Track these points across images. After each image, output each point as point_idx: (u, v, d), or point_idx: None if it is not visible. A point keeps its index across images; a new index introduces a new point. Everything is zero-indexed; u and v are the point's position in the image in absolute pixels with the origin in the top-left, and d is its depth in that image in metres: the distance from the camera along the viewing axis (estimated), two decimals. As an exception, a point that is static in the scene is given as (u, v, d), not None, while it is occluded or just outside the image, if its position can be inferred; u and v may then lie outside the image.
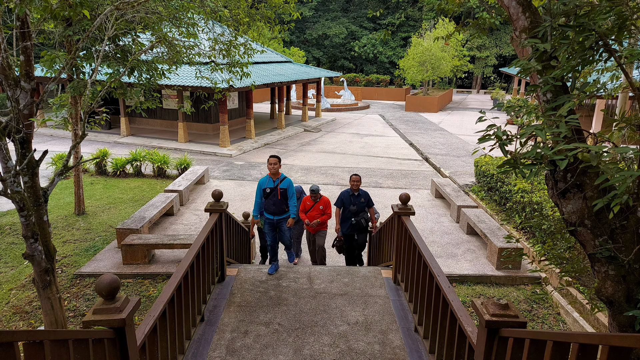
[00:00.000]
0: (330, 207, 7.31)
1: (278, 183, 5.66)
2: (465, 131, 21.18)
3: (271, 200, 5.63)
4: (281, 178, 5.69)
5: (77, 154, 8.69)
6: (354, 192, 6.77)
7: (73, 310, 5.92)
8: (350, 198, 6.76)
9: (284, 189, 5.70)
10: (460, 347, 3.26)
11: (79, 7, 4.04)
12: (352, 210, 6.72)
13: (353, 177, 6.80)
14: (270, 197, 5.63)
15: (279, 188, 5.65)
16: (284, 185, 5.70)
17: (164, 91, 18.07)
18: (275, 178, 5.64)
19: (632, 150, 2.11)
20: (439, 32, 28.66)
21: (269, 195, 5.62)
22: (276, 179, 5.64)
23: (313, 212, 7.19)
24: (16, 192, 3.87)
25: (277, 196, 5.63)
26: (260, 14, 7.20)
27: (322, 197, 7.27)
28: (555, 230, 3.77)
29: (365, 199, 6.78)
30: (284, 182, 5.69)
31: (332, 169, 13.80)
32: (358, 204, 6.73)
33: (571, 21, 2.52)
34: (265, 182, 5.65)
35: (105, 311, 2.59)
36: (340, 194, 6.92)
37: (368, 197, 6.86)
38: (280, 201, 5.67)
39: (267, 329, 4.56)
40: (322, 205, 7.21)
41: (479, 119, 2.73)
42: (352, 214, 6.74)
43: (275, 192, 5.63)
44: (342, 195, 6.87)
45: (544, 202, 7.58)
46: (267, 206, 5.69)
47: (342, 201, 6.84)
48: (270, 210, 5.70)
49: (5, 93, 3.89)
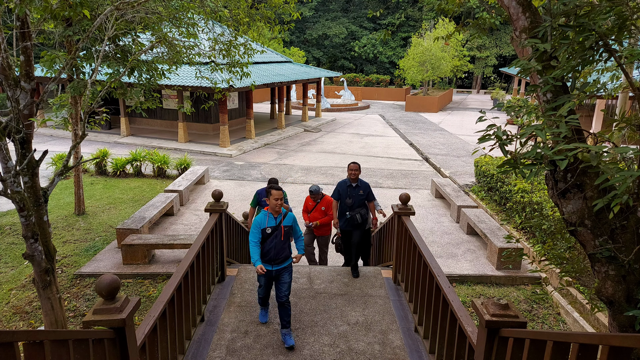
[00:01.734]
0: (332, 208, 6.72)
1: (281, 220, 4.52)
2: (465, 131, 21.18)
3: (272, 243, 4.46)
4: (283, 214, 4.58)
5: (77, 154, 8.69)
6: (351, 183, 5.95)
7: (73, 311, 5.92)
8: (347, 189, 5.95)
9: (289, 227, 4.57)
10: (460, 347, 3.26)
11: (79, 7, 4.04)
12: (348, 204, 5.91)
13: (351, 165, 5.97)
14: (271, 239, 4.46)
15: (282, 227, 4.50)
16: (288, 222, 4.58)
17: (164, 91, 18.07)
18: (277, 214, 4.51)
19: (632, 150, 2.11)
20: (439, 32, 28.66)
21: (269, 236, 4.45)
22: (278, 215, 4.52)
23: (315, 213, 6.79)
24: (16, 192, 3.87)
25: (281, 237, 4.49)
26: (260, 14, 7.20)
27: (325, 197, 6.85)
28: (555, 230, 3.77)
29: (364, 192, 5.94)
30: (287, 218, 4.58)
31: (332, 169, 13.80)
32: (355, 196, 5.90)
33: (571, 21, 2.52)
34: (265, 220, 4.46)
35: (106, 311, 2.59)
36: (337, 184, 6.12)
37: (368, 189, 6.01)
38: (283, 243, 4.52)
39: (267, 329, 4.56)
40: (325, 205, 6.79)
41: (479, 119, 2.73)
42: (347, 207, 5.94)
43: (278, 233, 4.48)
44: (339, 186, 6.06)
45: (544, 202, 7.58)
46: (265, 251, 4.47)
47: (339, 192, 6.06)
48: (270, 257, 4.47)
49: (5, 93, 3.89)
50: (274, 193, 4.47)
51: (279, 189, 4.51)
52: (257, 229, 4.45)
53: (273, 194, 4.47)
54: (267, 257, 4.48)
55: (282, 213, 4.57)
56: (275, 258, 4.50)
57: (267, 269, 4.50)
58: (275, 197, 4.45)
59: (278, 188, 4.52)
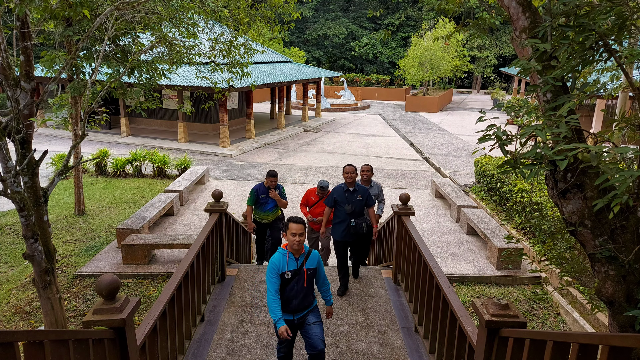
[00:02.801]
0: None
1: (303, 261, 3.65)
2: (465, 131, 21.18)
3: (292, 290, 3.62)
4: (306, 252, 3.69)
5: (77, 154, 8.69)
6: (348, 187, 5.40)
7: (73, 311, 5.92)
8: (344, 195, 5.37)
9: (313, 270, 3.71)
10: (461, 347, 3.26)
11: (79, 7, 4.04)
12: (348, 210, 5.35)
13: (346, 167, 5.43)
14: (292, 286, 3.62)
15: (305, 270, 3.65)
16: (312, 263, 3.70)
17: (164, 91, 18.07)
18: (299, 254, 3.65)
19: (632, 150, 2.11)
20: (439, 32, 28.66)
21: (289, 282, 3.61)
22: (299, 255, 3.65)
23: (318, 208, 6.59)
24: (16, 192, 3.87)
25: (303, 283, 3.64)
26: (260, 14, 7.20)
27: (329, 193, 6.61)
28: (555, 230, 3.77)
29: (363, 197, 5.40)
30: (311, 258, 3.71)
31: (332, 169, 13.80)
32: (355, 202, 5.34)
33: (571, 21, 2.52)
34: (283, 262, 3.60)
35: (106, 311, 2.59)
36: (332, 190, 5.52)
37: (367, 194, 5.46)
38: (306, 290, 3.68)
39: (267, 329, 4.56)
40: None
41: (479, 119, 2.72)
42: (347, 215, 5.37)
43: (300, 278, 3.63)
44: (335, 192, 5.43)
45: (544, 202, 7.58)
46: (286, 300, 3.65)
47: (335, 199, 5.44)
48: (291, 307, 3.66)
49: (5, 93, 3.89)
50: (292, 227, 3.52)
51: (300, 222, 3.55)
52: (274, 274, 3.55)
53: (292, 227, 3.52)
54: (287, 307, 3.65)
55: (305, 252, 3.68)
56: (298, 307, 3.68)
57: (287, 319, 3.68)
58: (294, 231, 3.52)
59: (298, 220, 3.54)
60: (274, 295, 3.52)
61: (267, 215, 6.42)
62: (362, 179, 6.23)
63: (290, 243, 3.59)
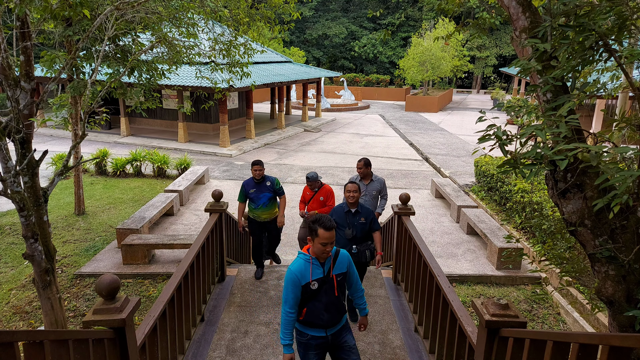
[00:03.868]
0: (333, 198, 6.20)
1: (331, 266, 3.09)
2: (465, 131, 21.18)
3: (320, 303, 3.06)
4: (333, 254, 3.12)
5: (77, 154, 8.69)
6: (350, 209, 4.62)
7: (73, 310, 5.92)
8: (345, 216, 4.59)
9: (343, 275, 3.15)
10: (460, 347, 3.26)
11: (79, 7, 4.04)
12: (348, 236, 4.53)
13: (348, 185, 4.63)
14: (320, 297, 3.06)
15: (334, 277, 3.09)
16: (342, 266, 3.14)
17: (164, 91, 18.07)
18: (324, 259, 3.05)
19: (632, 150, 2.11)
20: (439, 32, 28.66)
21: (317, 294, 3.04)
22: (325, 260, 3.06)
23: (313, 204, 6.12)
24: (16, 192, 3.87)
25: (333, 291, 3.09)
26: (260, 14, 7.20)
27: (324, 186, 6.20)
28: (555, 230, 3.77)
29: (367, 219, 4.60)
30: (340, 260, 3.15)
31: (332, 169, 13.80)
32: (357, 225, 4.56)
33: (571, 21, 2.52)
34: (306, 270, 3.02)
35: (106, 311, 2.59)
36: (332, 211, 4.79)
37: (372, 217, 4.64)
38: (337, 299, 3.12)
39: (267, 329, 4.56)
40: (323, 195, 6.11)
41: (479, 119, 2.72)
42: (348, 240, 4.55)
43: (329, 287, 3.08)
44: (334, 213, 4.68)
45: (544, 202, 7.58)
46: (314, 314, 3.06)
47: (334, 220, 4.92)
48: (323, 321, 3.08)
49: (5, 93, 3.89)
50: (323, 235, 2.91)
51: (332, 228, 2.92)
52: (295, 285, 2.97)
53: (322, 236, 2.91)
54: (317, 322, 3.07)
55: (332, 254, 3.09)
56: (331, 323, 3.10)
57: (319, 335, 3.11)
58: (324, 240, 2.91)
59: (329, 226, 2.92)
60: (289, 312, 2.97)
61: (261, 212, 5.72)
62: (360, 176, 5.89)
63: (318, 253, 2.99)
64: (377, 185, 6.05)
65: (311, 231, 2.98)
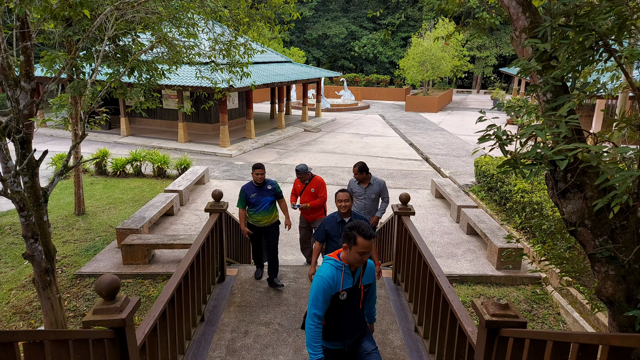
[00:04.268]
0: (324, 190, 6.08)
1: (360, 275, 2.90)
2: (465, 131, 21.18)
3: (346, 313, 2.89)
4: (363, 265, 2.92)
5: (77, 154, 8.69)
6: (343, 218, 4.31)
7: (73, 311, 5.92)
8: (338, 227, 4.31)
9: (369, 286, 3.02)
10: (460, 347, 3.26)
11: (79, 7, 4.04)
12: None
13: (339, 194, 4.31)
14: (346, 308, 2.87)
15: (362, 287, 2.93)
16: (369, 277, 2.98)
17: (164, 91, 18.07)
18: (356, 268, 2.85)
19: (632, 150, 2.11)
20: (439, 32, 28.67)
21: (345, 304, 2.86)
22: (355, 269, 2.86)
23: (304, 196, 6.08)
24: (16, 192, 3.87)
25: (359, 303, 2.93)
26: (260, 14, 7.20)
27: (315, 178, 6.07)
28: (555, 230, 3.77)
29: None
30: (368, 271, 2.97)
31: (332, 169, 13.80)
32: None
33: (571, 21, 2.52)
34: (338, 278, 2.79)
35: (106, 311, 2.59)
36: (323, 221, 4.43)
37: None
38: (361, 312, 3.00)
39: (267, 329, 4.56)
40: (314, 187, 5.98)
41: (479, 119, 2.72)
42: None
43: (356, 298, 2.91)
44: (327, 223, 4.35)
45: (544, 202, 7.58)
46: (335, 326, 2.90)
47: (326, 232, 4.33)
48: (340, 334, 2.93)
49: (5, 93, 3.89)
50: (362, 244, 2.69)
51: (371, 238, 2.72)
52: (326, 295, 2.74)
53: (360, 244, 2.70)
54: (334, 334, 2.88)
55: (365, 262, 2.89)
56: (349, 335, 2.93)
57: (335, 348, 2.94)
58: (362, 250, 2.70)
59: (369, 235, 2.71)
60: (319, 324, 2.72)
61: (261, 217, 5.49)
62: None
63: (352, 262, 2.76)
64: (376, 188, 5.88)
65: (348, 238, 2.75)
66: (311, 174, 6.09)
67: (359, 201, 5.94)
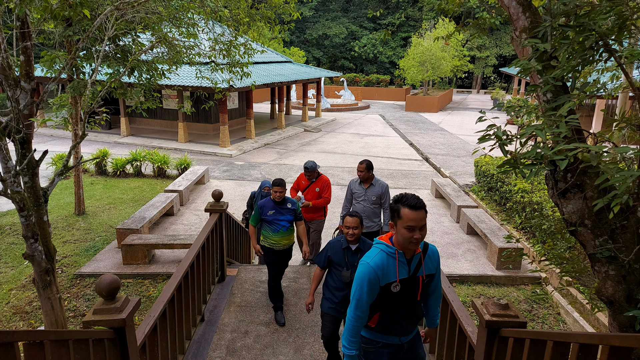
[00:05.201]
0: (329, 191, 5.92)
1: (418, 263, 2.49)
2: (466, 131, 21.18)
3: (403, 307, 2.53)
4: (423, 249, 2.52)
5: (77, 154, 8.69)
6: (349, 244, 3.64)
7: (73, 311, 5.92)
8: (342, 254, 3.64)
9: (431, 277, 2.59)
10: (461, 347, 3.26)
11: (79, 7, 4.04)
12: (345, 279, 3.59)
13: (348, 219, 3.58)
14: (400, 301, 2.50)
15: (420, 278, 2.51)
16: (431, 265, 2.57)
17: (164, 91, 18.07)
18: (411, 253, 2.46)
19: (632, 150, 2.11)
20: (439, 32, 28.67)
21: (398, 297, 2.48)
22: (412, 255, 2.47)
23: (307, 194, 5.94)
24: (16, 192, 3.87)
25: (416, 295, 2.54)
26: (260, 14, 7.20)
27: (321, 177, 5.93)
28: (555, 230, 3.77)
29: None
30: (429, 257, 2.57)
31: (333, 169, 13.80)
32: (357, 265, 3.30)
33: (571, 21, 2.52)
34: (389, 268, 2.41)
35: (106, 311, 2.58)
36: (327, 245, 3.79)
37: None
38: (419, 306, 2.62)
39: (267, 329, 4.56)
40: (319, 186, 5.82)
41: (479, 119, 2.72)
42: (345, 284, 3.64)
43: (414, 290, 2.52)
44: (330, 248, 3.72)
45: (544, 202, 7.58)
46: (389, 322, 2.56)
47: (329, 258, 3.70)
48: (398, 330, 2.60)
49: (5, 93, 3.89)
50: (406, 215, 2.29)
51: (418, 207, 2.30)
52: (373, 286, 2.37)
53: (405, 216, 2.30)
54: (393, 329, 2.55)
55: (420, 248, 2.49)
56: (407, 330, 2.60)
57: (391, 342, 2.58)
58: (409, 222, 2.28)
59: (416, 205, 2.30)
60: (360, 317, 2.39)
61: (280, 237, 4.79)
62: (360, 179, 5.29)
63: (403, 243, 2.30)
64: (377, 189, 5.37)
65: (392, 212, 2.31)
66: (318, 172, 5.96)
67: (358, 204, 5.50)
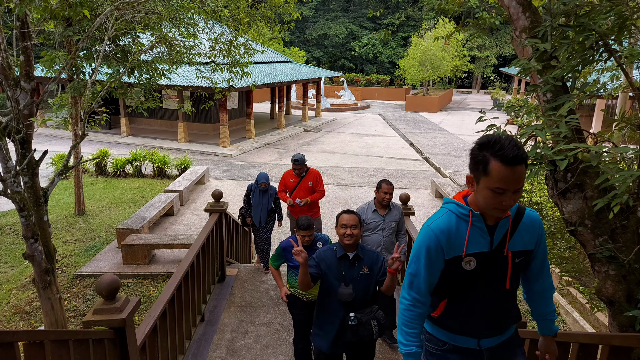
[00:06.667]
0: (322, 184, 5.40)
1: (506, 234, 1.72)
2: (466, 131, 21.18)
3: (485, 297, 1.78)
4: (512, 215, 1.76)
5: (77, 154, 8.69)
6: (346, 252, 2.89)
7: (73, 311, 5.92)
8: (338, 265, 2.87)
9: (526, 254, 1.80)
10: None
11: (79, 7, 4.04)
12: (344, 297, 2.80)
13: (344, 217, 2.88)
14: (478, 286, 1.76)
15: (510, 254, 1.73)
16: (527, 239, 1.78)
17: (164, 91, 18.06)
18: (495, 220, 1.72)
19: (632, 150, 2.11)
20: (439, 32, 28.66)
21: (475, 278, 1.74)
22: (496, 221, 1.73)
23: (299, 191, 5.29)
24: (16, 192, 3.87)
25: (505, 281, 1.78)
26: (260, 14, 7.21)
27: (310, 170, 5.38)
28: (555, 230, 3.77)
29: (373, 270, 2.86)
30: (525, 225, 1.77)
31: (333, 169, 13.80)
32: (357, 279, 2.84)
33: (571, 21, 2.52)
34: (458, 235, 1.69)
35: (106, 311, 2.58)
36: (316, 254, 2.99)
37: (380, 264, 2.88)
38: (509, 296, 1.86)
39: (267, 329, 4.56)
40: (312, 180, 5.28)
41: (479, 119, 2.73)
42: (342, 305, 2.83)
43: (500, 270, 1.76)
44: (321, 257, 2.93)
45: (544, 202, 7.58)
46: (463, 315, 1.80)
47: (319, 268, 2.89)
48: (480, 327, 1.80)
49: (5, 93, 3.89)
50: (498, 171, 1.55)
51: (517, 161, 1.50)
52: (431, 257, 1.71)
53: (496, 172, 1.55)
54: (469, 327, 1.81)
55: (510, 214, 1.75)
56: (492, 330, 1.83)
57: (466, 346, 1.83)
58: (499, 183, 1.56)
59: (514, 158, 1.51)
60: (417, 301, 1.75)
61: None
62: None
63: (486, 207, 1.62)
64: (395, 214, 4.35)
65: (476, 164, 1.60)
66: (307, 166, 5.43)
67: (374, 235, 4.28)
